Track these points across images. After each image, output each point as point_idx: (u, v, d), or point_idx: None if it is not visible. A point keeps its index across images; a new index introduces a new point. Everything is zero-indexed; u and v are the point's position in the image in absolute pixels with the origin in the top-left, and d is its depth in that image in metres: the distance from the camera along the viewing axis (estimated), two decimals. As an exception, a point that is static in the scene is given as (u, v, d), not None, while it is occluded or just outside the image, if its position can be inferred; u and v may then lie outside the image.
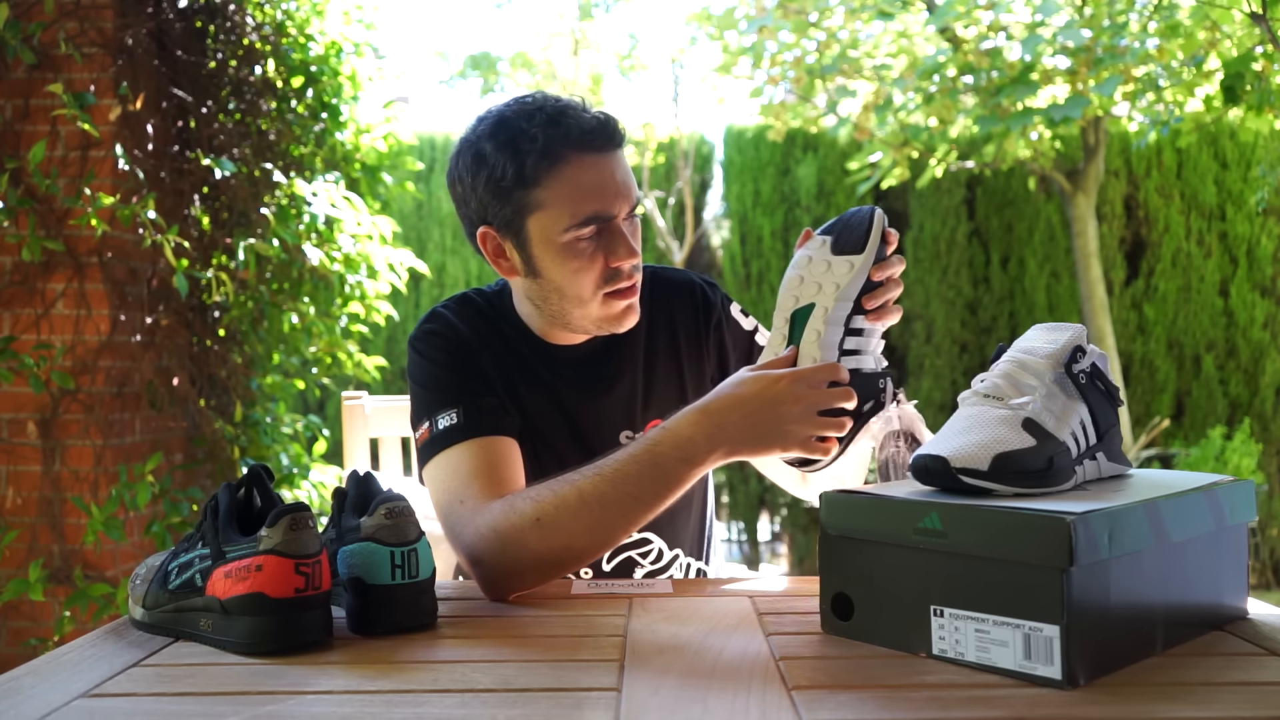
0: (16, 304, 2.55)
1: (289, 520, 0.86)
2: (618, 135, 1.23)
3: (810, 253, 1.09)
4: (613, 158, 1.22)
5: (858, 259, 1.07)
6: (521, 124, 1.20)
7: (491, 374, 1.28)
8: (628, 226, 1.24)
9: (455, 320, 1.31)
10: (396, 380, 5.74)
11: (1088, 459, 0.93)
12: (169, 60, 2.73)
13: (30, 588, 2.31)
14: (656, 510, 1.08)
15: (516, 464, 1.21)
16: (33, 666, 0.85)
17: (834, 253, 1.08)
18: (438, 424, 1.20)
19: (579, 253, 1.21)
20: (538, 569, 1.09)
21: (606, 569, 1.35)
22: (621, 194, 1.21)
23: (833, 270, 1.07)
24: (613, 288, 1.23)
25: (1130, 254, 5.56)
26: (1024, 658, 0.78)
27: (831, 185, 5.66)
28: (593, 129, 1.20)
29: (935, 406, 5.46)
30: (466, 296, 1.36)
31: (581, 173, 1.19)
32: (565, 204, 1.19)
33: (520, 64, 6.00)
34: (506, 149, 1.20)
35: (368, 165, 3.10)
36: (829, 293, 1.07)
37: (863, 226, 1.08)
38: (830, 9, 5.24)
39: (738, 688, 0.78)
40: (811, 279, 1.08)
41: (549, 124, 1.19)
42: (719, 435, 1.04)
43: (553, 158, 1.19)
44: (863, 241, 1.07)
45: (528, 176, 1.19)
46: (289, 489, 2.81)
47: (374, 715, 0.72)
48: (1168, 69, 4.37)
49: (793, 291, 1.09)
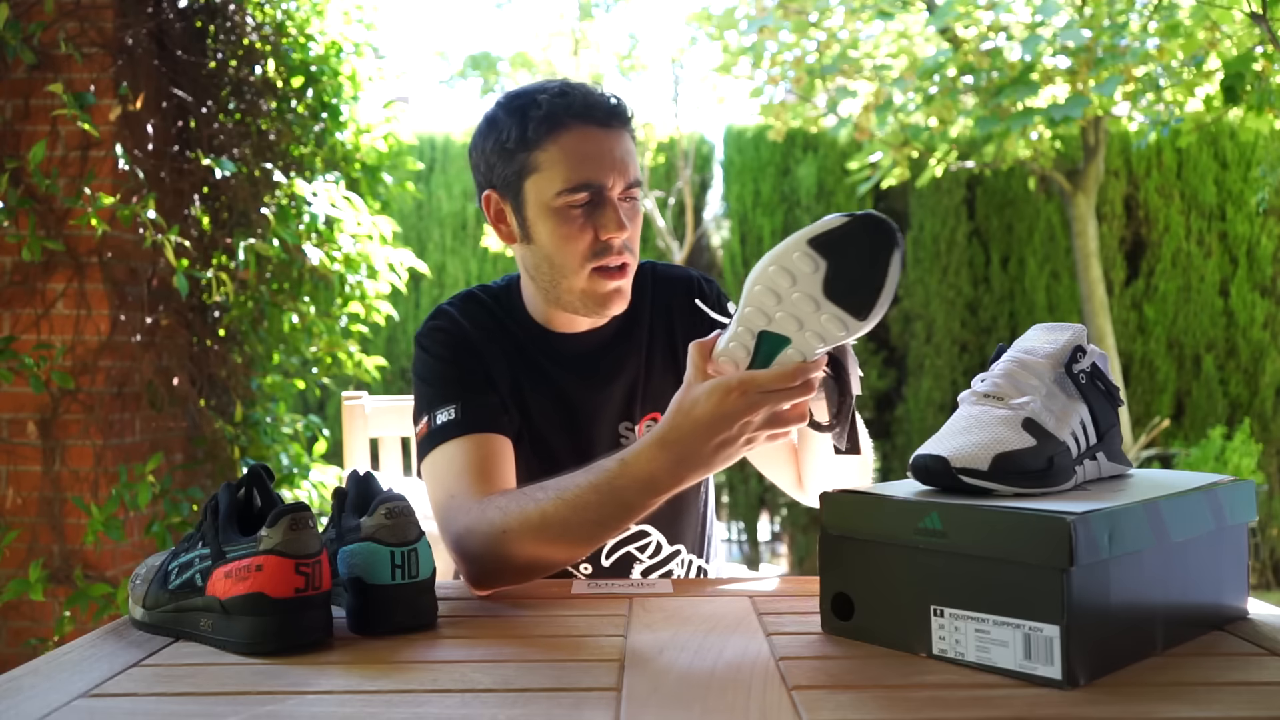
0: (16, 304, 2.55)
1: (289, 520, 0.86)
2: (622, 114, 1.26)
3: (794, 273, 0.88)
4: (614, 134, 1.25)
5: (855, 324, 0.89)
6: (533, 94, 1.26)
7: (494, 369, 1.30)
8: (624, 207, 1.25)
9: (460, 317, 1.33)
10: (396, 380, 5.74)
11: (1088, 459, 0.93)
12: (169, 60, 2.73)
13: (30, 588, 2.31)
14: (625, 528, 1.09)
15: (507, 462, 1.24)
16: (33, 666, 0.84)
17: (827, 296, 0.88)
18: (436, 419, 1.24)
19: (570, 219, 1.24)
20: (513, 572, 1.12)
21: (605, 564, 1.36)
22: (617, 168, 1.24)
23: (821, 318, 0.89)
24: (600, 263, 1.25)
25: (1130, 254, 5.56)
26: (1024, 658, 0.78)
27: (831, 185, 5.66)
28: (596, 103, 1.24)
29: (935, 406, 5.46)
30: (472, 294, 1.38)
31: (580, 141, 1.23)
32: (560, 168, 1.23)
33: (520, 64, 6.00)
34: (515, 114, 1.25)
35: (368, 165, 3.10)
36: (810, 341, 0.91)
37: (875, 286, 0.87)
38: (830, 9, 5.24)
39: (738, 688, 0.78)
40: (792, 313, 0.90)
41: (557, 94, 1.24)
42: (679, 467, 1.00)
43: (553, 123, 1.23)
44: (870, 304, 0.87)
45: (529, 139, 1.24)
46: (289, 489, 2.81)
47: (374, 715, 0.72)
48: (1168, 69, 4.37)
49: (766, 310, 0.91)
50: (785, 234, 5.68)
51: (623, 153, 1.25)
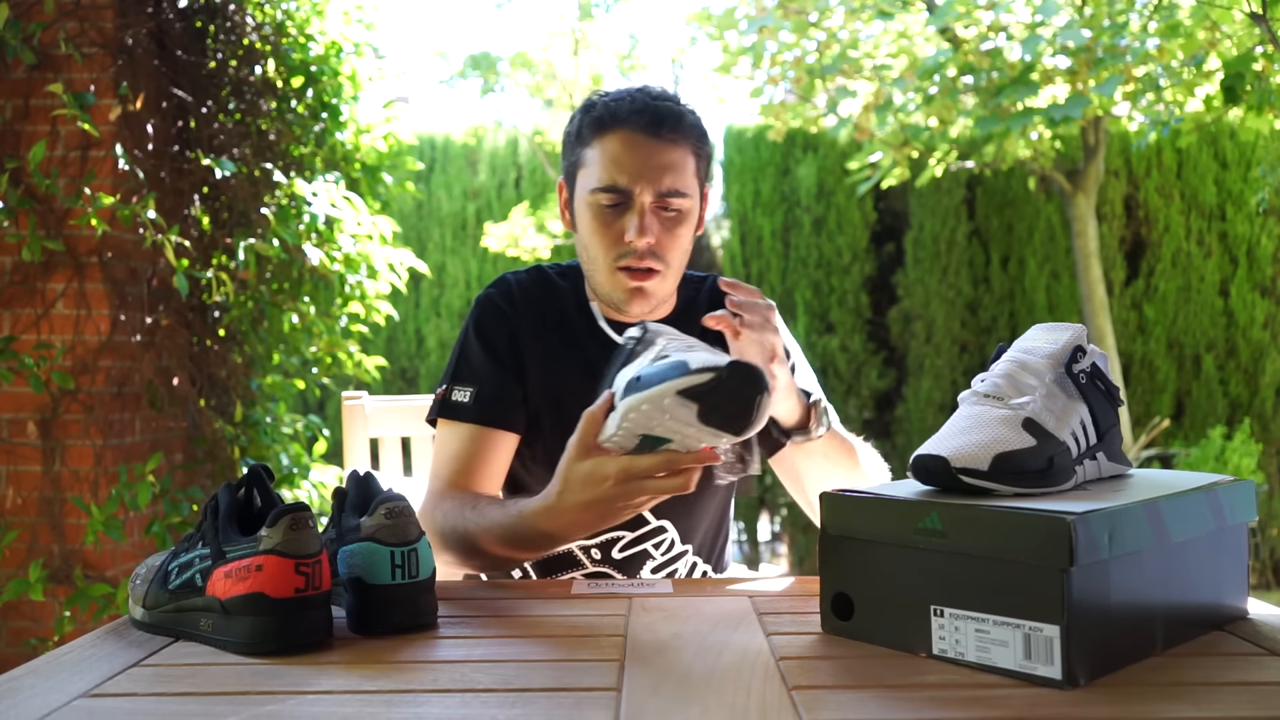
0: (16, 304, 2.55)
1: (289, 520, 0.86)
2: (667, 126, 1.30)
3: (668, 411, 0.93)
4: (658, 143, 1.30)
5: (733, 438, 0.95)
6: (603, 94, 1.35)
7: (529, 349, 1.37)
8: (658, 215, 1.31)
9: (515, 291, 1.40)
10: (396, 380, 5.74)
11: (1088, 459, 0.93)
12: (169, 60, 2.73)
13: (30, 588, 2.31)
14: (547, 554, 1.23)
15: (497, 460, 1.33)
16: (33, 666, 0.84)
17: (702, 423, 0.92)
18: (452, 394, 1.34)
19: (600, 216, 1.31)
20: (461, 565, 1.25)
21: (617, 557, 1.37)
22: (647, 177, 1.29)
23: (701, 434, 0.94)
24: (624, 263, 1.31)
25: (1130, 254, 5.56)
26: (1024, 658, 0.78)
27: (831, 185, 5.66)
28: (643, 110, 1.30)
29: (935, 406, 5.46)
30: (539, 268, 1.46)
31: (619, 144, 1.30)
32: (597, 166, 1.31)
33: (520, 64, 5.99)
34: (582, 110, 1.36)
35: (368, 165, 3.10)
36: (690, 443, 0.96)
37: (745, 422, 0.92)
38: (830, 9, 5.24)
39: (738, 688, 0.78)
40: (672, 428, 0.94)
41: (616, 98, 1.32)
42: (569, 529, 1.10)
43: (600, 125, 1.31)
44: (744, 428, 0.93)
45: (583, 135, 1.33)
46: (289, 489, 2.81)
47: (374, 715, 0.72)
48: (1168, 69, 4.37)
49: (646, 422, 0.95)
50: (785, 233, 5.70)
51: (662, 162, 1.29)
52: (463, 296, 5.79)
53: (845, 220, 5.63)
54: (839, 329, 5.60)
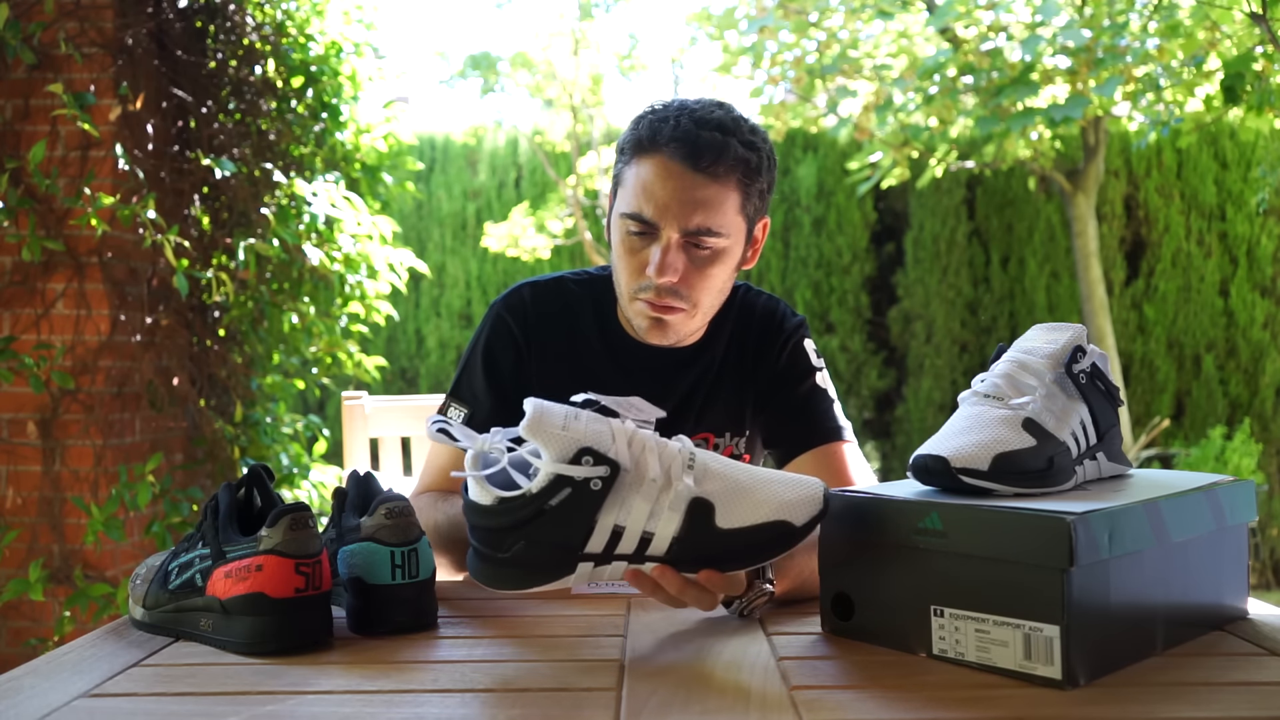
0: (16, 304, 2.55)
1: (289, 520, 0.86)
2: (707, 159, 1.18)
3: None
4: (691, 176, 1.19)
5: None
6: (655, 109, 1.25)
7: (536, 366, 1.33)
8: (685, 252, 1.21)
9: (527, 306, 1.35)
10: (396, 380, 5.74)
11: (1088, 459, 0.93)
12: (169, 60, 2.73)
13: (30, 588, 2.30)
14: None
15: None
16: (33, 666, 0.84)
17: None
18: (449, 408, 1.34)
19: (626, 241, 1.24)
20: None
21: None
22: (675, 212, 1.19)
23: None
24: (644, 296, 1.24)
25: (1130, 254, 5.56)
26: (1024, 658, 0.78)
27: (831, 185, 5.66)
28: (682, 140, 1.19)
29: (935, 406, 5.46)
30: (560, 279, 1.39)
31: (653, 171, 1.20)
32: (628, 191, 1.23)
33: (520, 64, 5.99)
34: (633, 123, 1.26)
35: (368, 165, 3.10)
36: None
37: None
38: (830, 9, 5.24)
39: (738, 688, 0.78)
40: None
41: (661, 119, 1.22)
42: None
43: (641, 146, 1.22)
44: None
45: (626, 152, 1.25)
46: (289, 489, 2.81)
47: (374, 715, 0.72)
48: (1168, 69, 4.37)
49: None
50: (785, 233, 5.70)
51: (695, 198, 1.19)
52: (463, 297, 5.79)
53: (845, 220, 5.63)
54: (839, 329, 5.60)
